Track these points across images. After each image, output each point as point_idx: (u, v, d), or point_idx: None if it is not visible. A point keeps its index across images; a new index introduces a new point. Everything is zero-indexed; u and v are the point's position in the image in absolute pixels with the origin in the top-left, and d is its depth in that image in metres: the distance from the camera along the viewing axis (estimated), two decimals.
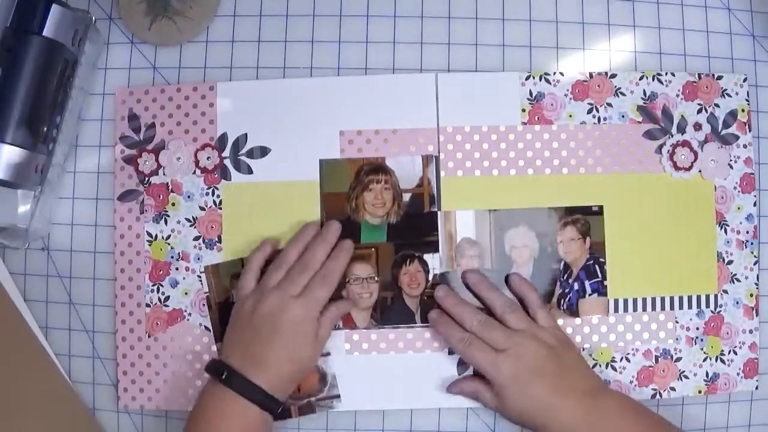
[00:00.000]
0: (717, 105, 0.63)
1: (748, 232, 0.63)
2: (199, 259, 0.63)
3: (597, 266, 0.62)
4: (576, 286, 0.62)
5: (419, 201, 0.62)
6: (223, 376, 0.55)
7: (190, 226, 0.63)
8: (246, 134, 0.63)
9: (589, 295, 0.62)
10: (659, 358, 0.62)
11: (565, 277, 0.62)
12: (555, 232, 0.62)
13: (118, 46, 0.65)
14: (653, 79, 0.63)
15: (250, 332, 0.56)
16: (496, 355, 0.56)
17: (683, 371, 0.62)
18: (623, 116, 0.63)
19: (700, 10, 0.64)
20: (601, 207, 0.62)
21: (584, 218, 0.62)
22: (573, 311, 0.62)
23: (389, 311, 0.62)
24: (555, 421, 0.54)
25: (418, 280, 0.62)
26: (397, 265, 0.62)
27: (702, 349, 0.62)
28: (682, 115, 0.63)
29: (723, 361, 0.62)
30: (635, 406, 0.56)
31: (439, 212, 0.62)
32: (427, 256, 0.62)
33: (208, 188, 0.63)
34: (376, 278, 0.62)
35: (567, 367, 0.56)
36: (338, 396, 0.61)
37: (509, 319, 0.58)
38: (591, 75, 0.63)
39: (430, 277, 0.62)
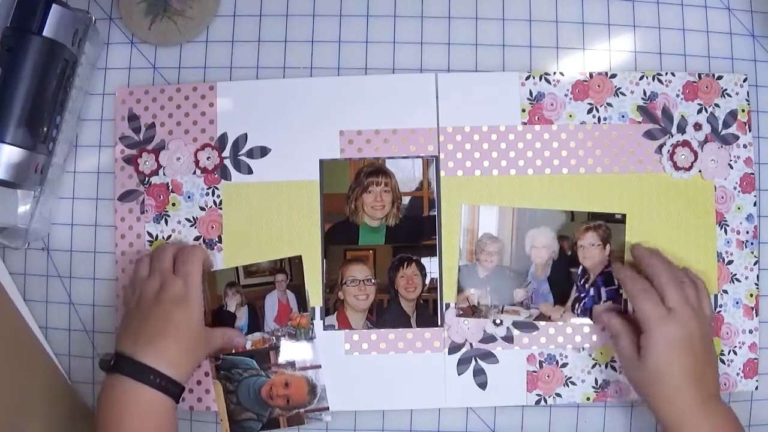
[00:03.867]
0: (717, 105, 0.63)
1: (748, 232, 0.63)
2: None
3: None
4: (592, 291, 0.62)
5: (418, 204, 0.62)
6: (112, 363, 0.54)
7: (191, 226, 0.63)
8: (246, 134, 0.63)
9: (605, 301, 0.62)
10: None
11: (582, 282, 0.62)
12: (576, 235, 0.62)
13: (118, 46, 0.65)
14: (653, 79, 0.63)
15: (138, 317, 0.56)
16: (666, 312, 0.55)
17: None
18: (623, 116, 0.63)
19: (700, 10, 0.64)
20: (624, 215, 0.62)
21: (606, 225, 0.62)
22: (587, 317, 0.62)
23: (385, 314, 0.62)
24: (672, 406, 0.54)
25: (415, 283, 0.62)
26: (394, 268, 0.62)
27: None
28: (682, 115, 0.63)
29: (723, 361, 0.62)
30: (736, 429, 0.55)
31: (438, 213, 0.62)
32: (424, 260, 0.62)
33: (208, 188, 0.63)
34: (372, 280, 0.62)
35: (708, 362, 0.56)
36: (327, 408, 0.62)
37: (687, 290, 0.57)
38: (591, 75, 0.63)
39: (427, 281, 0.62)
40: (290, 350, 0.62)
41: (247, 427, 0.61)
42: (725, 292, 0.62)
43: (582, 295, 0.62)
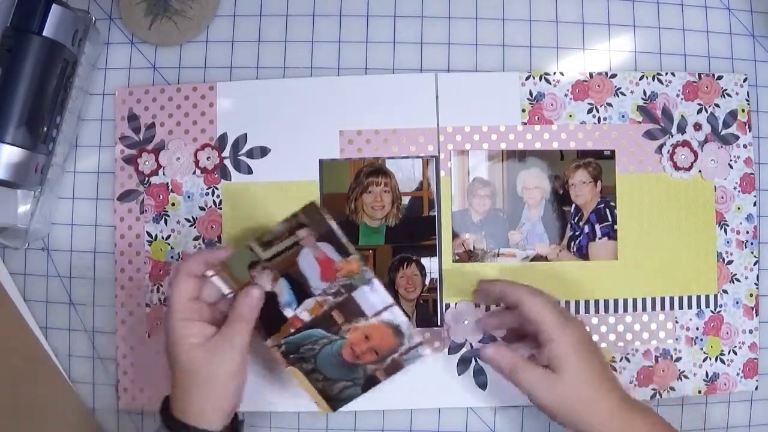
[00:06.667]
0: (717, 105, 0.63)
1: (748, 232, 0.63)
2: None
3: (607, 210, 0.62)
4: (587, 229, 0.62)
5: (418, 204, 0.62)
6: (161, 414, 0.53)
7: (190, 226, 0.63)
8: (246, 134, 0.63)
9: (599, 238, 0.62)
10: (659, 358, 0.62)
11: (575, 220, 0.62)
12: (566, 174, 0.62)
13: (118, 46, 0.65)
14: (653, 79, 0.63)
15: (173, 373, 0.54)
16: (565, 316, 0.53)
17: (683, 371, 0.62)
18: (623, 116, 0.63)
19: (700, 10, 0.64)
20: (612, 151, 0.62)
21: (596, 162, 0.62)
22: (583, 254, 0.62)
23: None
24: (597, 407, 0.51)
25: (415, 283, 0.62)
26: (394, 268, 0.62)
27: (702, 349, 0.62)
28: (682, 115, 0.63)
29: (723, 361, 0.62)
30: (667, 428, 0.52)
31: (438, 213, 0.62)
32: (424, 260, 0.62)
33: (208, 188, 0.63)
34: None
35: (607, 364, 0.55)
36: (421, 343, 0.56)
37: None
38: (591, 75, 0.63)
39: (427, 281, 0.62)
40: (353, 302, 0.55)
41: (348, 396, 0.56)
42: (725, 292, 0.62)
43: (577, 233, 0.62)
